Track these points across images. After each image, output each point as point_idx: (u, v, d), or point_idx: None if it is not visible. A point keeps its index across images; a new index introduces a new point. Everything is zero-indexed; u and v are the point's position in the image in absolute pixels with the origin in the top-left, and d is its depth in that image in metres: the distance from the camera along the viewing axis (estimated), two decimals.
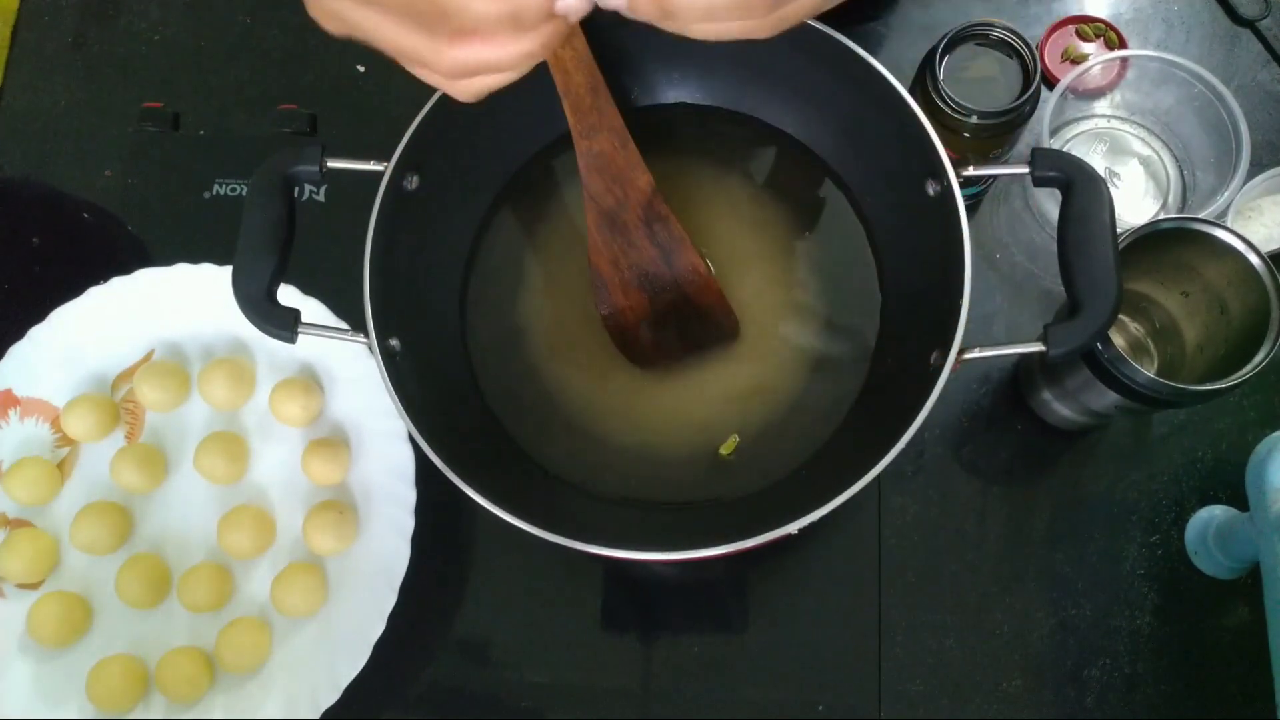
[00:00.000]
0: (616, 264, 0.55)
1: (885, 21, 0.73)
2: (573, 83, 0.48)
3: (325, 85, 0.74)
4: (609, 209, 0.53)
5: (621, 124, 0.51)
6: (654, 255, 0.54)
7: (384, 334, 0.50)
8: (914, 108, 0.51)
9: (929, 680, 0.61)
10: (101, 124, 0.74)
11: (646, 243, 0.54)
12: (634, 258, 0.54)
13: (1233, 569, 0.61)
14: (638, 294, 0.56)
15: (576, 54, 0.47)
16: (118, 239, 0.72)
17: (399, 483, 0.61)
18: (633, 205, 0.52)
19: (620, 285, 0.55)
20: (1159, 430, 0.65)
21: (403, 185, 0.53)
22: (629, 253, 0.54)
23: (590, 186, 0.52)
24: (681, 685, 0.62)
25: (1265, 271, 0.53)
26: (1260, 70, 0.71)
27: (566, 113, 0.50)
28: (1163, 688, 0.61)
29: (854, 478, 0.46)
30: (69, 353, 0.65)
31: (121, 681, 0.58)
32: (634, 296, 0.56)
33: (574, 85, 0.48)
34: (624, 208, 0.52)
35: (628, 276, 0.55)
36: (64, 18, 0.77)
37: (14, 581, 0.62)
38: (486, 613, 0.63)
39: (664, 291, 0.56)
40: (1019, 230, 0.69)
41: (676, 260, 0.55)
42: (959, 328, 0.47)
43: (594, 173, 0.52)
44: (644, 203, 0.52)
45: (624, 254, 0.54)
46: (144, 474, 0.62)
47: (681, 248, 0.55)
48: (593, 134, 0.50)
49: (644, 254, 0.54)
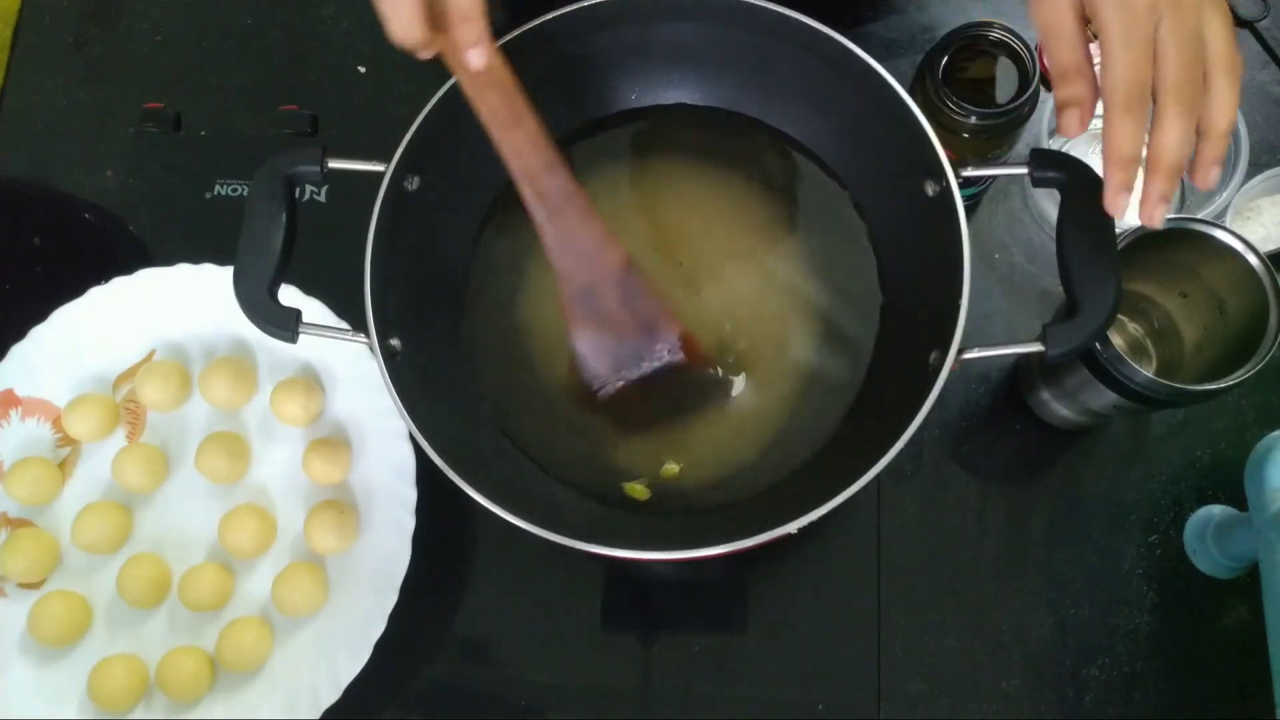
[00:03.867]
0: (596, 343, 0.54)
1: (885, 21, 0.74)
2: (528, 167, 0.48)
3: (326, 86, 0.74)
4: (582, 286, 0.52)
5: (586, 202, 0.50)
6: (634, 329, 0.54)
7: (384, 334, 0.51)
8: (913, 108, 0.51)
9: (928, 679, 0.61)
10: (103, 124, 0.75)
11: (624, 318, 0.53)
12: (614, 331, 0.54)
13: (1231, 568, 0.61)
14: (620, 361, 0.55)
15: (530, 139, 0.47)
16: (119, 239, 0.72)
17: (400, 482, 0.61)
18: (605, 281, 0.52)
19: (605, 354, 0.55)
20: (1158, 430, 0.65)
21: (403, 186, 0.53)
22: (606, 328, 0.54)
23: (562, 266, 0.52)
24: (681, 685, 0.62)
25: (1264, 272, 0.53)
26: (1259, 71, 0.71)
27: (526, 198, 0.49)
28: (1161, 687, 0.61)
29: (853, 478, 0.46)
30: (70, 353, 0.65)
31: (122, 681, 0.59)
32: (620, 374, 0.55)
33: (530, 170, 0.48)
34: (597, 283, 0.52)
35: (609, 345, 0.55)
36: (65, 19, 0.78)
37: (15, 581, 0.62)
38: (486, 613, 0.63)
39: (644, 359, 0.55)
40: (1018, 230, 0.69)
41: (659, 332, 0.54)
42: (958, 328, 0.48)
43: (563, 253, 0.51)
44: (616, 279, 0.52)
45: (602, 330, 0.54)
46: (145, 474, 0.63)
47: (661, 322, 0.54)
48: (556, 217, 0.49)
49: (624, 327, 0.54)
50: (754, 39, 0.56)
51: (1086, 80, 0.44)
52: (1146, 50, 0.42)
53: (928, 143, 0.50)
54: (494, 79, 0.45)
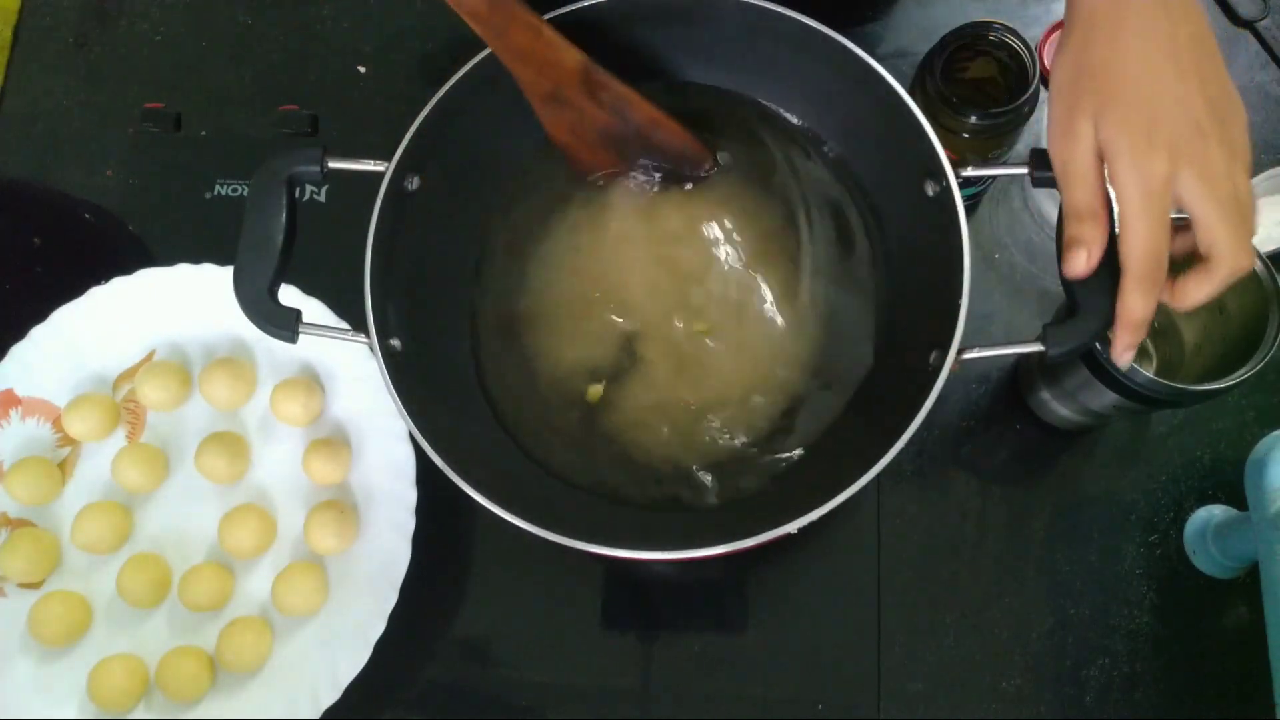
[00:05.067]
0: (575, 131, 0.55)
1: (885, 22, 0.74)
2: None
3: (326, 86, 0.74)
4: (547, 92, 0.53)
5: (531, 16, 0.50)
6: (608, 117, 0.54)
7: (385, 334, 0.51)
8: (913, 108, 0.51)
9: (928, 680, 0.61)
10: (103, 124, 0.75)
11: (596, 109, 0.54)
12: (589, 123, 0.55)
13: (1231, 568, 0.61)
14: (604, 152, 0.56)
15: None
16: (119, 239, 0.72)
17: (400, 482, 0.61)
18: (568, 84, 0.52)
19: (587, 147, 0.56)
20: (1158, 430, 0.65)
21: (403, 186, 0.53)
22: (583, 120, 0.54)
23: (521, 78, 0.52)
24: (681, 685, 0.62)
25: (1264, 272, 0.53)
26: (1259, 71, 0.71)
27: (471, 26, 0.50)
28: (1161, 687, 0.61)
29: (853, 477, 0.46)
30: (70, 353, 0.65)
31: (122, 681, 0.59)
32: (601, 154, 0.56)
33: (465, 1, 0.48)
34: (563, 86, 0.52)
35: (590, 139, 0.55)
36: (65, 18, 0.78)
37: (15, 581, 0.62)
38: (486, 613, 0.63)
39: (629, 144, 0.56)
40: (1018, 230, 0.69)
41: (632, 116, 0.55)
42: (958, 328, 0.48)
43: (518, 64, 0.51)
44: (579, 79, 0.52)
45: (579, 122, 0.54)
46: (145, 473, 0.63)
47: (631, 105, 0.55)
48: (502, 32, 0.50)
49: (598, 118, 0.54)
50: (753, 40, 0.56)
51: (1100, 224, 0.44)
52: (1165, 221, 0.42)
53: (928, 143, 0.50)
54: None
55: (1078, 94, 0.44)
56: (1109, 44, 0.44)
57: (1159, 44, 0.43)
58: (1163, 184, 0.42)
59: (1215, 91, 0.43)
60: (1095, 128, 0.43)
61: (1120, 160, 0.42)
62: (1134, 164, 0.42)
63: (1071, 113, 0.44)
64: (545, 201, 0.60)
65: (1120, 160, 0.42)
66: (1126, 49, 0.43)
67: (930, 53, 0.58)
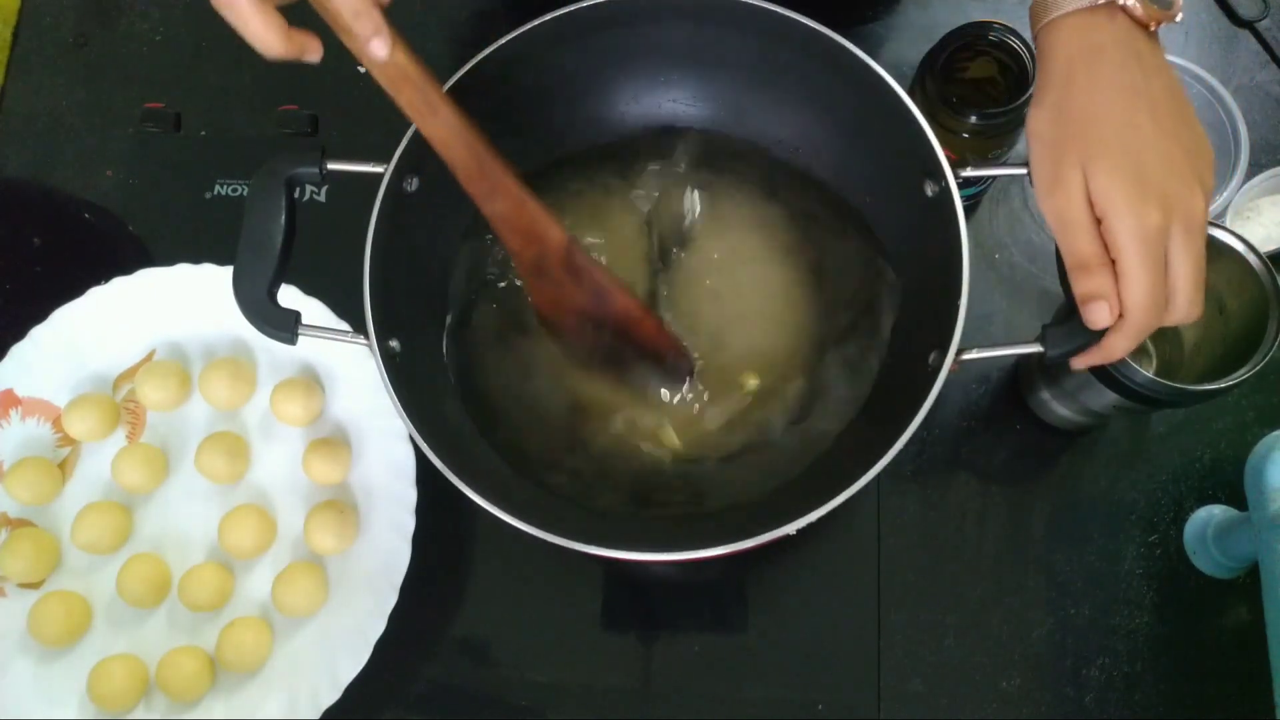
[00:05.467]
0: (557, 306, 0.55)
1: (885, 22, 0.74)
2: (455, 156, 0.48)
3: (326, 86, 0.74)
4: (532, 260, 0.53)
5: (517, 187, 0.50)
6: (587, 299, 0.54)
7: (384, 335, 0.51)
8: (912, 109, 0.51)
9: (928, 680, 0.61)
10: (103, 124, 0.75)
11: (576, 289, 0.54)
12: (570, 301, 0.54)
13: (1231, 568, 0.61)
14: (584, 332, 0.55)
15: (451, 129, 0.48)
16: (119, 239, 0.72)
17: (399, 482, 0.61)
18: (552, 258, 0.52)
19: (567, 326, 0.55)
20: (1157, 430, 0.65)
21: (403, 187, 0.53)
22: (564, 297, 0.54)
23: (508, 243, 0.52)
24: (681, 685, 0.62)
25: (1264, 272, 0.53)
26: (1259, 71, 0.71)
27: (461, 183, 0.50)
28: (1161, 687, 0.61)
29: (853, 478, 0.46)
30: (70, 353, 0.65)
31: (122, 681, 0.59)
32: (582, 335, 0.56)
33: (457, 158, 0.48)
34: (545, 258, 0.52)
35: (569, 320, 0.55)
36: (65, 18, 0.78)
37: (15, 581, 0.62)
38: (486, 613, 0.63)
39: (605, 328, 0.55)
40: (1018, 230, 0.69)
41: (610, 304, 0.55)
42: (957, 328, 0.48)
43: (505, 231, 0.52)
44: (561, 257, 0.52)
45: (559, 297, 0.54)
46: (145, 474, 0.63)
47: (610, 294, 0.54)
48: (490, 199, 0.50)
49: (577, 298, 0.54)
50: (752, 40, 0.56)
51: (1108, 271, 0.43)
52: (1162, 271, 0.42)
53: (927, 143, 0.50)
54: (403, 72, 0.46)
55: (1062, 143, 0.44)
56: (1087, 95, 0.44)
57: (1136, 95, 0.43)
58: (1158, 234, 0.42)
59: (1190, 143, 0.44)
60: (1085, 176, 0.43)
61: (1116, 210, 0.42)
62: (1131, 214, 0.42)
63: (1058, 163, 0.44)
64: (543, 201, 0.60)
65: (1116, 210, 0.42)
66: (1106, 100, 0.43)
67: (930, 53, 0.58)
